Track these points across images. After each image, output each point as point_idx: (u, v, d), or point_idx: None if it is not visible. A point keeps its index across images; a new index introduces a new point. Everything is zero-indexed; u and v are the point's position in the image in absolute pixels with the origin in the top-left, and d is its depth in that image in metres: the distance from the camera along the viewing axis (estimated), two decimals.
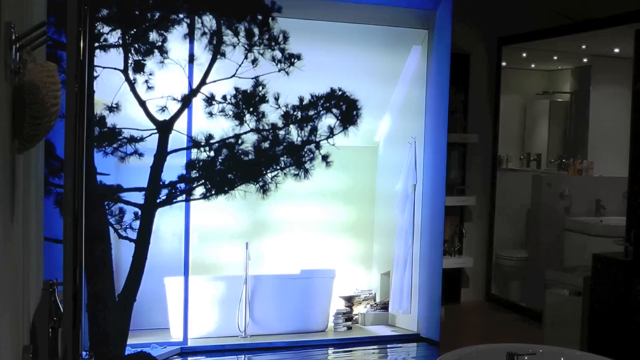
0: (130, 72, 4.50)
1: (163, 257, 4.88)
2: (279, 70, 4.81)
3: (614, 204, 7.28)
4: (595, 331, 5.44)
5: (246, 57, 4.71)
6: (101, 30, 4.37)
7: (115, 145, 4.56)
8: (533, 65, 8.54)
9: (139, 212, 4.58)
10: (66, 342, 1.53)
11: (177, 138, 4.67)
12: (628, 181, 5.23)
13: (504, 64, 7.81)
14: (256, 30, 4.70)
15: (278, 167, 4.86)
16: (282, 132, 4.86)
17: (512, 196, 7.98)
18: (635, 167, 5.20)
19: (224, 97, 4.74)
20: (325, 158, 4.95)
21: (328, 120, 4.97)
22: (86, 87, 1.50)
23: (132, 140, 4.57)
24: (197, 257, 4.94)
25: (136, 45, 4.48)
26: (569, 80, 8.46)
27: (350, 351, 5.27)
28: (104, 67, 4.45)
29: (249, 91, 4.78)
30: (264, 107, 4.81)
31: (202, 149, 4.74)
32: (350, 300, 5.40)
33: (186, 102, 4.67)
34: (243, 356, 5.07)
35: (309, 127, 4.93)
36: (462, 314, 7.46)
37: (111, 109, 4.52)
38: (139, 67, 4.52)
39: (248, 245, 5.05)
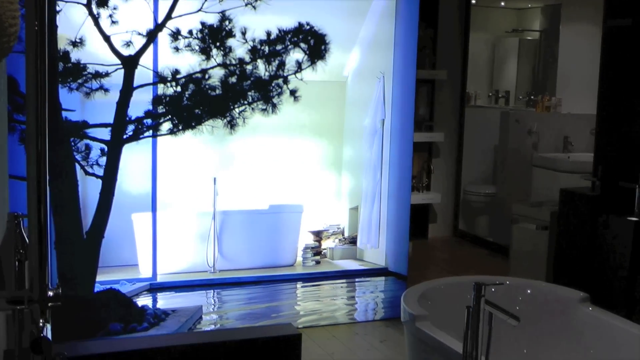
0: (93, 6, 4.42)
1: (130, 194, 4.85)
2: (246, 5, 4.74)
3: (581, 141, 7.34)
4: (561, 264, 5.51)
5: None
6: None
7: (80, 81, 4.50)
8: (503, 4, 8.51)
9: (106, 149, 4.54)
10: (32, 273, 1.53)
11: (143, 73, 4.61)
12: (596, 118, 5.25)
13: (473, 1, 7.77)
14: None
15: (246, 102, 4.82)
16: (249, 67, 4.82)
17: (480, 133, 8.01)
18: (604, 104, 5.22)
19: (190, 32, 4.68)
20: (293, 93, 4.93)
21: (296, 55, 4.93)
22: (47, 22, 1.47)
23: (97, 75, 4.51)
24: (164, 194, 4.91)
25: None
26: (539, 18, 8.45)
27: (319, 285, 5.31)
28: (66, 2, 4.36)
29: (215, 26, 4.71)
30: (230, 42, 4.75)
31: (168, 84, 4.69)
32: (318, 235, 5.42)
33: (152, 37, 4.60)
34: (212, 291, 5.08)
35: (277, 62, 4.89)
36: (430, 249, 7.54)
37: (75, 44, 4.45)
38: (103, 1, 4.44)
39: (216, 180, 5.03)
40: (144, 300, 4.85)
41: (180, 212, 5.04)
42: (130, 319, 4.72)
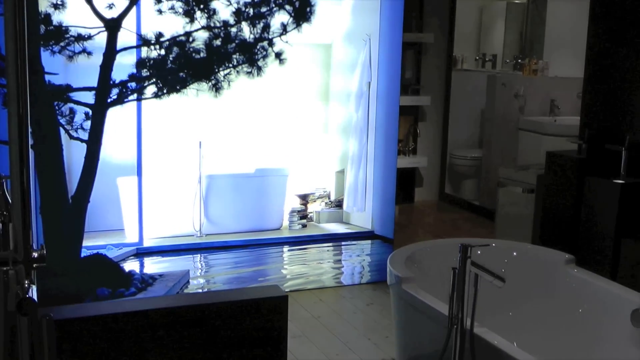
0: None
1: (115, 158, 4.82)
2: None
3: (568, 104, 7.34)
4: (547, 227, 5.53)
5: None
6: None
7: (62, 44, 4.45)
8: None
9: (90, 113, 4.50)
10: (16, 234, 1.52)
11: (126, 36, 4.56)
12: (583, 81, 5.25)
13: None
14: None
15: (230, 65, 4.79)
16: (234, 30, 4.77)
17: (467, 96, 8.00)
18: (591, 67, 5.21)
19: None
20: (278, 55, 4.89)
21: (281, 17, 4.88)
22: None
23: (80, 38, 4.46)
24: (150, 158, 4.88)
25: None
26: None
27: (305, 249, 5.32)
28: None
29: None
30: (214, 4, 4.70)
31: (152, 47, 4.64)
32: (304, 199, 5.41)
33: None
34: (199, 255, 5.08)
35: (262, 25, 4.84)
36: (416, 213, 7.55)
37: (56, 6, 4.38)
38: None
39: (201, 144, 5.01)
40: (130, 265, 4.84)
41: (166, 176, 5.01)
42: (117, 284, 4.72)
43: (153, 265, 4.95)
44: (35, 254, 1.56)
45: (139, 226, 4.94)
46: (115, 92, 4.55)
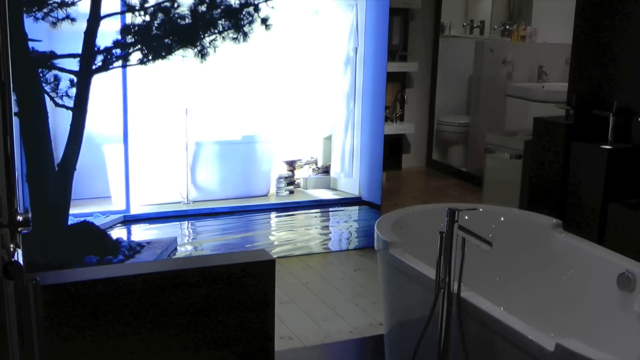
0: None
1: (102, 125, 4.79)
2: None
3: (556, 70, 7.32)
4: (534, 193, 5.54)
5: None
6: None
7: (45, 11, 4.39)
8: None
9: (75, 80, 4.46)
10: (1, 199, 1.51)
11: (110, 2, 4.51)
12: (571, 47, 5.23)
13: None
14: None
15: (216, 31, 4.74)
16: None
17: (454, 63, 7.97)
18: (579, 33, 5.19)
19: None
20: (264, 21, 4.85)
21: None
22: None
23: (63, 4, 4.41)
24: (136, 125, 4.85)
25: None
26: None
27: (293, 215, 5.31)
28: None
29: None
30: None
31: (136, 13, 4.59)
32: (292, 165, 5.40)
33: None
34: (186, 222, 5.07)
35: None
36: (404, 179, 7.56)
37: None
38: None
39: (188, 111, 4.98)
40: (118, 233, 4.84)
41: (152, 143, 4.99)
42: (105, 252, 4.71)
43: (140, 233, 4.94)
44: (20, 218, 1.55)
45: (125, 194, 4.92)
46: (100, 59, 4.51)
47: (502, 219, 3.93)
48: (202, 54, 4.71)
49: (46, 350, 2.08)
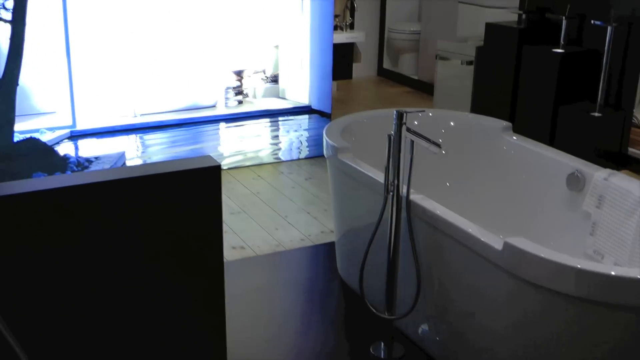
0: None
1: (43, 38, 4.62)
2: None
3: None
4: (486, 98, 5.53)
5: None
6: None
7: None
8: None
9: None
10: None
11: None
12: None
13: None
14: None
15: None
16: None
17: None
18: None
19: None
20: None
21: None
22: None
23: None
24: (79, 36, 4.69)
25: None
26: None
27: (242, 125, 5.24)
28: None
29: None
30: None
31: None
32: (240, 75, 5.29)
33: None
34: (134, 136, 4.97)
35: None
36: (354, 88, 7.50)
37: None
38: None
39: (133, 22, 4.82)
40: (65, 149, 4.73)
41: (96, 55, 4.83)
42: (53, 168, 4.63)
43: (88, 148, 4.84)
44: None
45: (71, 108, 4.79)
46: None
47: (452, 123, 3.90)
48: None
49: None
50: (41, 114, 4.81)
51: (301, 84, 5.43)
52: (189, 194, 2.26)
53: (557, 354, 2.37)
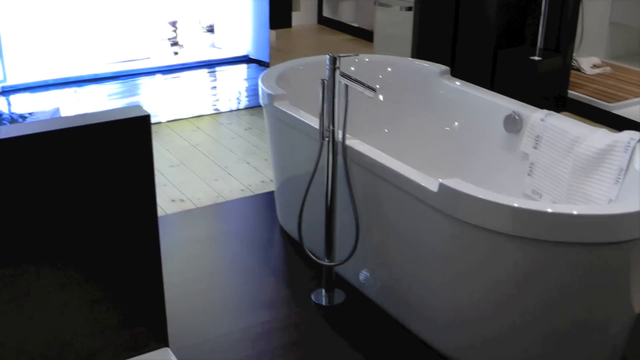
0: None
1: None
2: None
3: None
4: (426, 44, 5.51)
5: None
6: None
7: None
8: None
9: None
10: None
11: None
12: None
13: None
14: None
15: None
16: None
17: None
18: None
19: None
20: None
21: None
22: None
23: None
24: None
25: None
26: None
27: (179, 77, 5.14)
28: None
29: None
30: None
31: None
32: (175, 25, 5.17)
33: None
34: (69, 89, 4.85)
35: None
36: (294, 37, 7.42)
37: None
38: None
39: None
40: None
41: (26, 6, 4.68)
42: None
43: (21, 104, 4.71)
44: None
45: (1, 62, 4.65)
46: None
47: (389, 69, 3.87)
48: None
49: None
50: None
51: (238, 33, 5.33)
52: (118, 146, 2.20)
53: (501, 296, 2.38)
